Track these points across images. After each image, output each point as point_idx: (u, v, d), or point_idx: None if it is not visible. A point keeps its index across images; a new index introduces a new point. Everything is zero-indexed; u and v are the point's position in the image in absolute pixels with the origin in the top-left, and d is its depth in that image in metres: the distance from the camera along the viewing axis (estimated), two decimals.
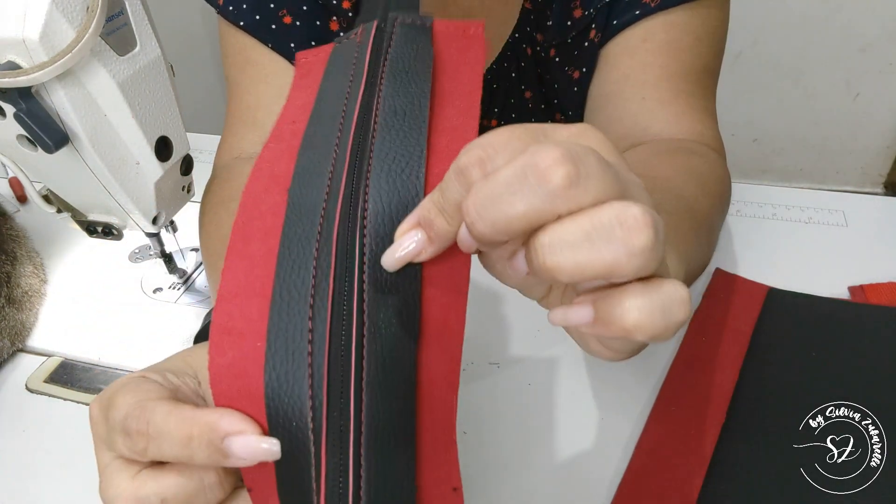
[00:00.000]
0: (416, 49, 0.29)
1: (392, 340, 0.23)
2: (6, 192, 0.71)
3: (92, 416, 0.27)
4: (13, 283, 0.53)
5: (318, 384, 0.23)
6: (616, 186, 0.20)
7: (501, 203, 0.20)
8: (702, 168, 0.48)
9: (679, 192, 0.43)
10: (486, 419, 0.44)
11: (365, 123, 0.26)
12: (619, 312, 0.21)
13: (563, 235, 0.20)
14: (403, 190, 0.24)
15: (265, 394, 0.23)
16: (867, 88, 1.67)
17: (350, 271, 0.24)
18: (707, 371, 0.44)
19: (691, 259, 0.38)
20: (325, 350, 0.23)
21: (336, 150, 0.26)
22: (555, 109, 0.64)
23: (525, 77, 0.62)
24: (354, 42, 0.30)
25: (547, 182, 0.19)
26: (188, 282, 0.57)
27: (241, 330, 0.24)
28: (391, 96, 0.27)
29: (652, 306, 0.21)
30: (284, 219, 0.25)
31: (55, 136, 0.39)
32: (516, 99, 0.64)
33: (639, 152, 0.51)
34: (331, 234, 0.24)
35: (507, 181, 0.20)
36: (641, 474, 0.39)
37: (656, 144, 0.51)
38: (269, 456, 0.24)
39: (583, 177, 0.19)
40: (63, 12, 0.36)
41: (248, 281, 0.25)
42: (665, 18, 0.52)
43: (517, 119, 0.66)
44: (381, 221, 0.24)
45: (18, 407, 0.48)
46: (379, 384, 0.23)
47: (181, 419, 0.24)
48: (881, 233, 0.58)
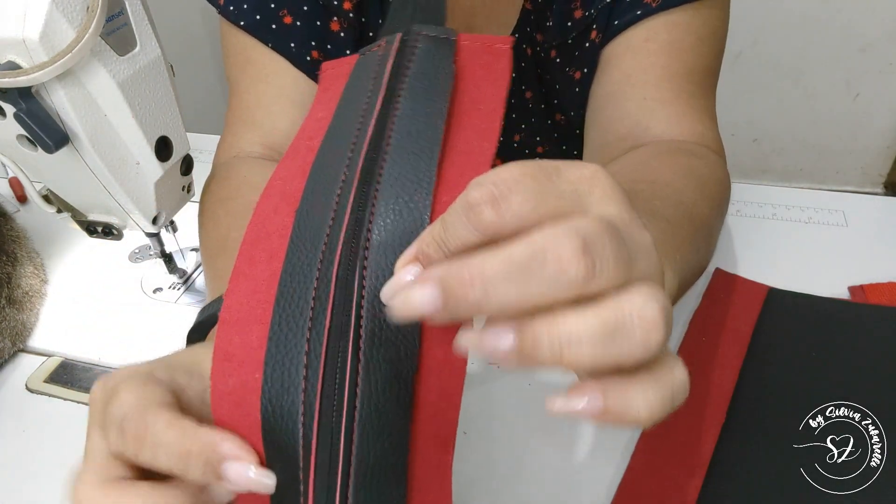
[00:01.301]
0: (438, 65, 0.28)
1: (388, 378, 0.23)
2: (6, 192, 0.71)
3: (93, 398, 0.27)
4: (13, 284, 0.53)
5: (309, 421, 0.23)
6: (629, 269, 0.20)
7: (513, 284, 0.19)
8: (702, 171, 0.48)
9: (678, 198, 0.43)
10: (485, 419, 0.44)
11: (377, 145, 0.26)
12: (632, 406, 0.20)
13: (581, 329, 0.19)
14: (409, 220, 0.23)
15: (262, 426, 0.23)
16: (867, 88, 1.67)
17: (348, 304, 0.23)
18: (707, 371, 0.44)
19: (687, 267, 0.38)
20: (319, 387, 0.23)
21: (346, 172, 0.25)
22: (555, 110, 0.64)
23: (525, 77, 0.62)
24: (377, 56, 0.30)
25: (565, 273, 0.19)
26: (188, 282, 0.57)
27: (241, 358, 0.24)
28: (407, 116, 0.26)
29: (663, 397, 0.21)
30: (288, 242, 0.25)
31: (55, 136, 0.39)
32: (517, 99, 0.64)
33: (639, 154, 0.50)
34: (332, 264, 0.24)
35: (522, 262, 0.19)
36: (641, 474, 0.39)
37: (657, 146, 0.51)
38: (264, 489, 0.23)
39: (599, 269, 0.19)
40: (63, 12, 0.36)
41: (251, 306, 0.25)
42: (667, 18, 0.52)
43: (517, 119, 0.66)
44: (383, 253, 0.23)
45: (18, 407, 0.48)
46: (371, 423, 0.23)
47: (181, 433, 0.23)
48: (881, 233, 0.58)
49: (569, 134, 0.66)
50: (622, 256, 0.20)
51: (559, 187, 0.21)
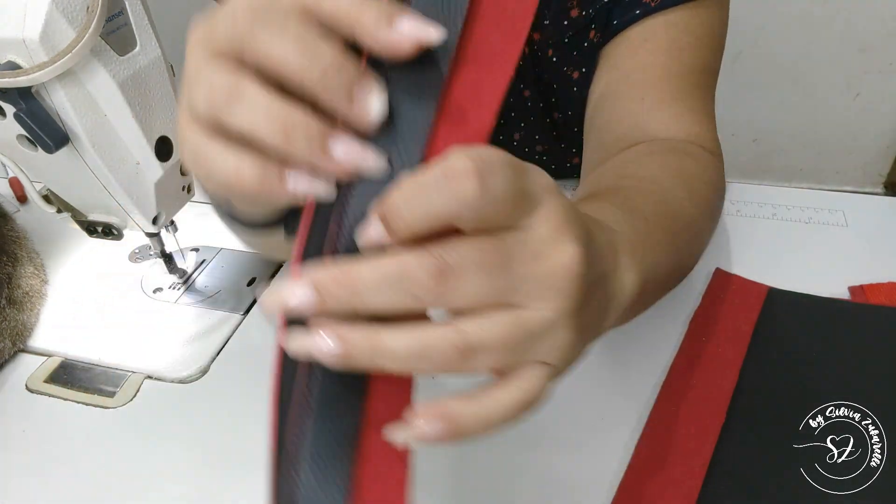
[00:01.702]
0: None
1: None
2: (6, 192, 0.71)
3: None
4: (14, 284, 0.53)
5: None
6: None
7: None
8: (693, 170, 0.48)
9: (663, 196, 0.43)
10: None
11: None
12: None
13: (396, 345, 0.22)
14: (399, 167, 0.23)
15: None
16: (867, 88, 1.67)
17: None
18: (707, 371, 0.44)
19: (660, 268, 0.38)
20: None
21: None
22: (553, 109, 0.64)
23: (523, 76, 0.62)
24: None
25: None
26: (188, 282, 0.57)
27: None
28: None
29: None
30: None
31: (55, 135, 0.39)
32: (515, 98, 0.64)
33: (632, 152, 0.51)
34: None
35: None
36: (641, 474, 0.39)
37: (650, 145, 0.51)
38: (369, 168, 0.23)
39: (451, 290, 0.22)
40: (63, 12, 0.36)
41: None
42: (665, 18, 0.52)
43: (516, 117, 0.66)
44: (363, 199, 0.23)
45: (18, 407, 0.48)
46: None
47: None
48: (881, 233, 0.57)
49: (567, 133, 0.66)
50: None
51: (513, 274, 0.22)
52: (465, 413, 0.23)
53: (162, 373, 0.49)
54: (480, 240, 0.21)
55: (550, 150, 0.69)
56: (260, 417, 0.47)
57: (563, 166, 0.71)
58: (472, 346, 0.22)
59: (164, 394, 0.48)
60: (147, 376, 0.49)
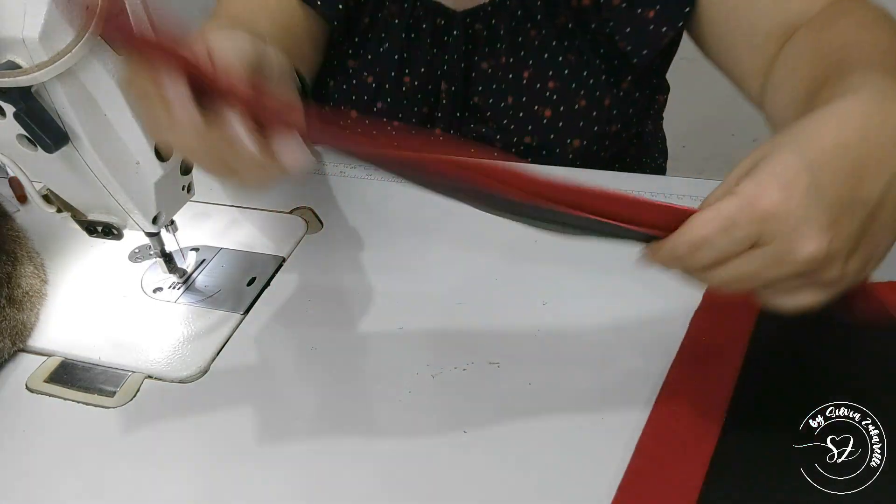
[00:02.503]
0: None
1: None
2: (6, 192, 0.71)
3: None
4: (14, 284, 0.53)
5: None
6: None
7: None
8: (876, 12, 0.48)
9: (884, 47, 0.42)
10: (486, 419, 0.44)
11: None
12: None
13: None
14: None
15: None
16: None
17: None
18: (707, 371, 0.44)
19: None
20: None
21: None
22: (611, 55, 0.63)
23: (530, 14, 0.62)
24: None
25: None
26: (188, 282, 0.57)
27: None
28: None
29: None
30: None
31: (55, 135, 0.39)
32: (524, 36, 0.64)
33: (815, 36, 0.50)
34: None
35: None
36: (641, 474, 0.39)
37: (812, 24, 0.51)
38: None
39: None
40: (63, 12, 0.36)
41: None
42: None
43: (533, 62, 0.64)
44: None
45: (18, 407, 0.48)
46: None
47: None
48: None
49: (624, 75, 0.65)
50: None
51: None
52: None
53: (162, 373, 0.49)
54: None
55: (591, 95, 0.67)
56: (260, 417, 0.47)
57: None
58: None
59: (164, 394, 0.48)
60: (147, 376, 0.49)
